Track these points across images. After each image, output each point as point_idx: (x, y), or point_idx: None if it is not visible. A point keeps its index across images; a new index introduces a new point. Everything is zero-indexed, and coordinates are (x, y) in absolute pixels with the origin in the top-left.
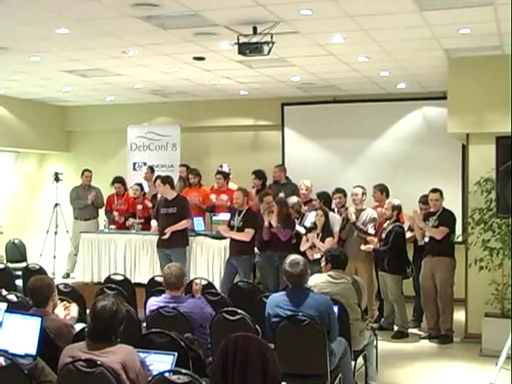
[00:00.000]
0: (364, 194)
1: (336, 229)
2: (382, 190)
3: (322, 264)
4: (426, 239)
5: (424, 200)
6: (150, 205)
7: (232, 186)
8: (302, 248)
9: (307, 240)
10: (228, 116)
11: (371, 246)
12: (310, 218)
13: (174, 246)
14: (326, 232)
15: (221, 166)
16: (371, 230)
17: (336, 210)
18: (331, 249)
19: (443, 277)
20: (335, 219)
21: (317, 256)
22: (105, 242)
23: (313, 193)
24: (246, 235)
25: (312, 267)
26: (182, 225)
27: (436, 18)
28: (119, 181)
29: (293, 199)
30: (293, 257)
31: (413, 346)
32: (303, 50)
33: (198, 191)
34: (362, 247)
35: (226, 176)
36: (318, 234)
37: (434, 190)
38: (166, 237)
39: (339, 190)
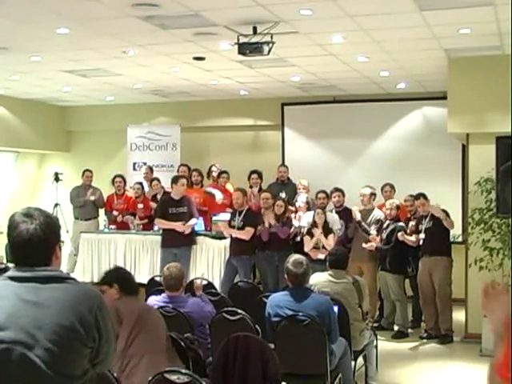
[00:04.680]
0: (372, 194)
1: (335, 227)
2: (394, 189)
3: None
4: (422, 235)
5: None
6: (154, 205)
7: (228, 186)
8: (307, 248)
9: (311, 237)
10: (228, 116)
11: (373, 244)
12: (307, 217)
13: (183, 244)
14: (326, 230)
15: (215, 166)
16: (373, 231)
17: (334, 209)
18: (333, 248)
19: (441, 276)
20: (334, 218)
21: (321, 256)
22: (105, 242)
23: (311, 192)
24: (246, 233)
25: (314, 266)
26: (194, 223)
27: (436, 17)
28: (120, 175)
29: (304, 196)
30: (296, 256)
31: (413, 346)
32: (303, 50)
33: (198, 192)
34: (364, 245)
35: (228, 176)
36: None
37: (417, 197)
38: (188, 231)
39: (337, 190)
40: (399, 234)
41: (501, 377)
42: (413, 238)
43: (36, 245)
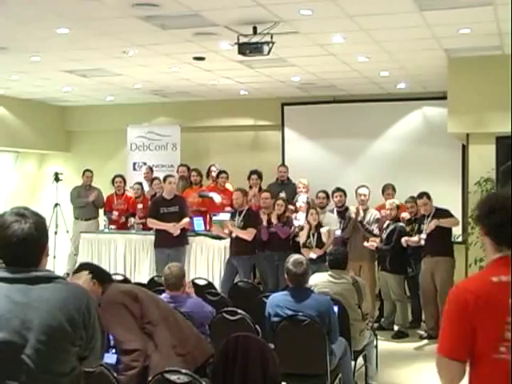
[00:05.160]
0: (369, 193)
1: (333, 228)
2: (395, 190)
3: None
4: (423, 235)
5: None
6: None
7: (227, 185)
8: (302, 240)
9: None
10: (228, 116)
11: (374, 244)
12: (302, 216)
13: (177, 245)
14: (318, 229)
15: (214, 166)
16: (376, 231)
17: (335, 209)
18: (332, 248)
19: (443, 276)
20: (332, 218)
21: (312, 256)
22: (105, 242)
23: (311, 192)
24: (249, 234)
25: (310, 266)
26: (186, 223)
27: (436, 18)
28: (120, 175)
29: (304, 197)
30: (296, 256)
31: (413, 346)
32: (303, 50)
33: (197, 192)
34: (366, 244)
35: (227, 175)
36: (313, 234)
37: (420, 196)
38: (177, 233)
39: (339, 189)
40: (403, 240)
41: (438, 352)
42: (415, 238)
43: (31, 244)
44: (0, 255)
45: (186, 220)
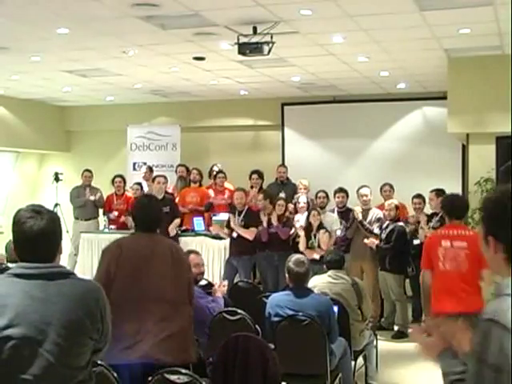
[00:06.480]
0: (371, 193)
1: (334, 228)
2: (393, 189)
3: None
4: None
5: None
6: None
7: (227, 185)
8: (301, 247)
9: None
10: (228, 116)
11: (375, 241)
12: (303, 217)
13: None
14: (320, 230)
15: (216, 166)
16: (376, 230)
17: (336, 209)
18: (327, 250)
19: None
20: (333, 218)
21: (316, 256)
22: (105, 242)
23: (311, 192)
24: (251, 233)
25: (311, 267)
26: (178, 222)
27: (436, 17)
28: (120, 175)
29: (304, 197)
30: (297, 256)
31: (413, 346)
32: (303, 50)
33: (196, 191)
34: (366, 241)
35: (225, 175)
36: (315, 235)
37: (432, 191)
38: (173, 233)
39: (341, 190)
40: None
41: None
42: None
43: (46, 240)
44: (16, 251)
45: (177, 220)
